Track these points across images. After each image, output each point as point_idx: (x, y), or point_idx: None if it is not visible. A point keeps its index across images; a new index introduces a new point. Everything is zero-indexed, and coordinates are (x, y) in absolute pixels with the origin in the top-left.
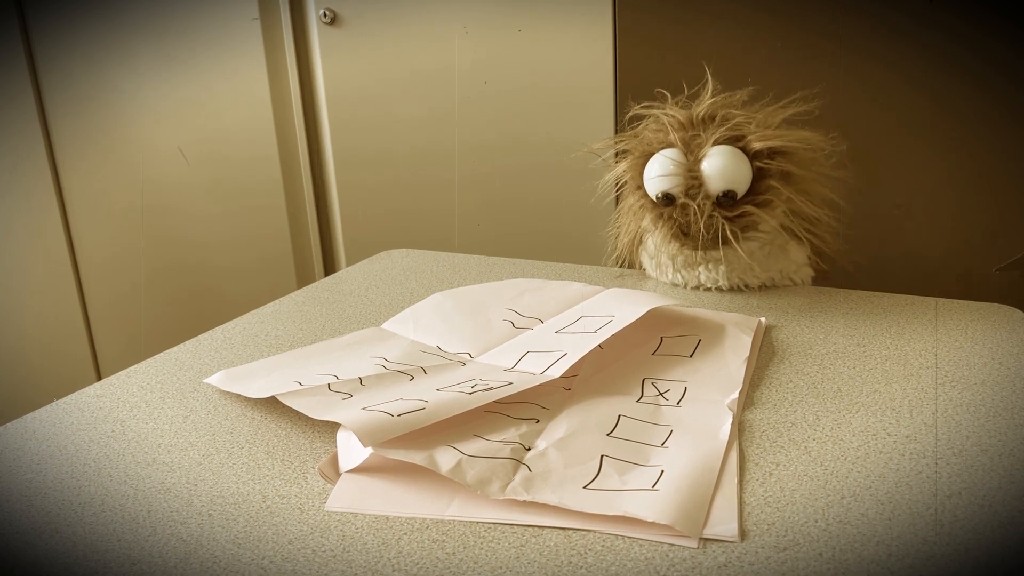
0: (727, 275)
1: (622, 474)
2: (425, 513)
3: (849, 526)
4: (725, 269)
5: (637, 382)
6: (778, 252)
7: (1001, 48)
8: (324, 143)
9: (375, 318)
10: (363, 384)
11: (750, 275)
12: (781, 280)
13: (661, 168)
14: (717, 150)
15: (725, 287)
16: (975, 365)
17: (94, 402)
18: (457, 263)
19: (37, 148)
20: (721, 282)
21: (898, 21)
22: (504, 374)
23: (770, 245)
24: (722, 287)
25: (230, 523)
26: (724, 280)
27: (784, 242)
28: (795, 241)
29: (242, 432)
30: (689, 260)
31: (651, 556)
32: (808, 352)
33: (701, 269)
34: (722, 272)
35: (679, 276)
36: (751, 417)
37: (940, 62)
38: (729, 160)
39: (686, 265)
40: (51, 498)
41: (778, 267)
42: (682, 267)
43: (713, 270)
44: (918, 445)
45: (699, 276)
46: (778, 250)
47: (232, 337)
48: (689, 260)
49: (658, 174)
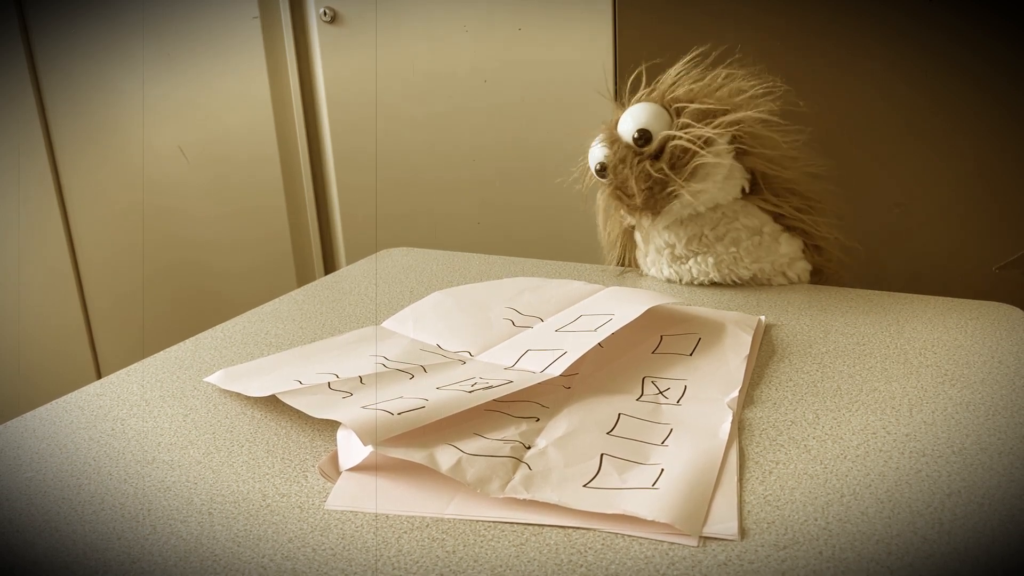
0: (716, 266)
1: (622, 472)
2: (425, 512)
3: (849, 524)
4: (713, 260)
5: (637, 380)
6: (769, 242)
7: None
8: (324, 142)
9: (375, 317)
10: (363, 383)
11: (739, 266)
12: (773, 273)
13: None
14: (627, 110)
15: (716, 279)
16: (975, 364)
17: (94, 401)
18: (457, 262)
19: (37, 148)
20: (712, 274)
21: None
22: (504, 372)
23: (759, 235)
24: (714, 279)
25: (230, 521)
26: (714, 271)
27: (775, 233)
28: (788, 233)
29: (242, 431)
30: (673, 249)
31: (651, 554)
32: (808, 350)
33: (691, 263)
34: (711, 264)
35: (673, 272)
36: (751, 415)
37: (940, 62)
38: (636, 109)
39: (674, 256)
40: (51, 496)
41: (769, 259)
42: (672, 260)
43: (702, 262)
44: (918, 444)
45: (690, 270)
46: (769, 240)
47: (232, 336)
48: (673, 249)
49: (591, 154)
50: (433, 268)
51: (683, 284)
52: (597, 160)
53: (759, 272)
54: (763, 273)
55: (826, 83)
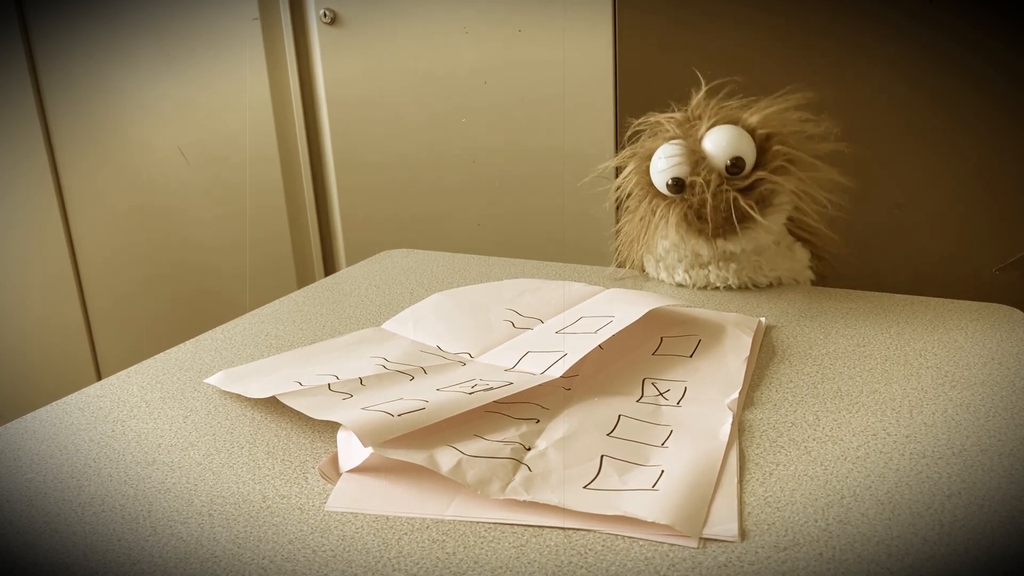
0: (737, 273)
1: (622, 474)
2: (425, 513)
3: (849, 526)
4: (735, 267)
5: (637, 382)
6: (786, 251)
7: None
8: (324, 143)
9: (375, 318)
10: (363, 384)
11: (759, 274)
12: (787, 280)
13: (667, 157)
14: (716, 128)
15: (735, 285)
16: (975, 365)
17: (94, 402)
18: (457, 263)
19: (37, 148)
20: (731, 280)
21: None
22: (504, 374)
23: (778, 245)
24: (732, 285)
25: (230, 523)
26: (734, 278)
27: (790, 243)
28: (800, 243)
29: (242, 432)
30: (699, 258)
31: (651, 556)
32: (808, 352)
33: (711, 268)
34: (732, 270)
35: (687, 276)
36: (751, 417)
37: (940, 62)
38: (730, 132)
39: (697, 263)
40: (51, 498)
41: (786, 266)
42: (691, 266)
43: (724, 268)
44: (918, 445)
45: (708, 275)
46: (785, 250)
47: (232, 337)
48: (699, 258)
49: (665, 164)
50: (433, 269)
51: (694, 288)
52: (673, 175)
53: (775, 280)
54: (778, 280)
55: (826, 83)
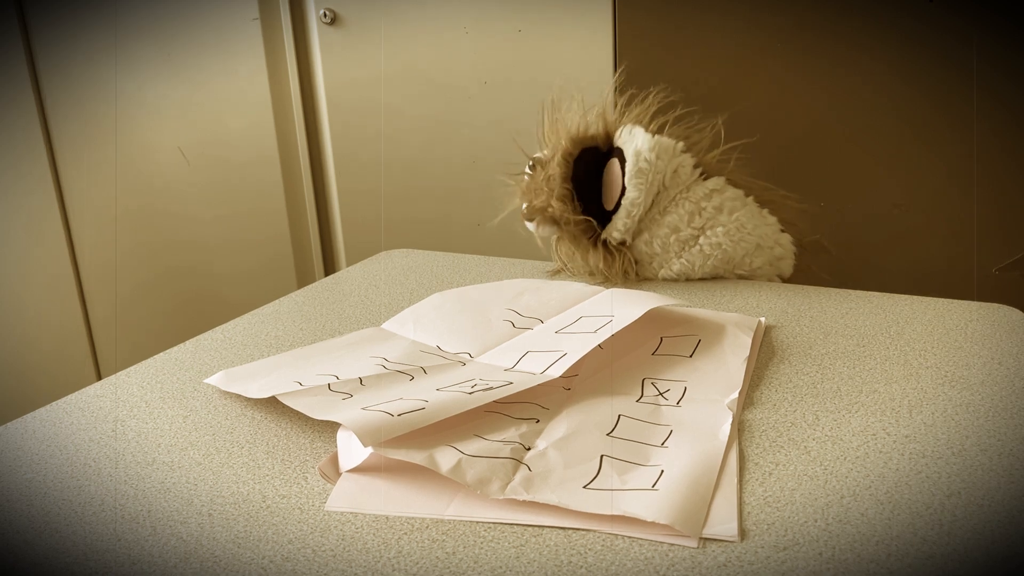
0: (727, 234)
1: (622, 474)
2: (425, 513)
3: (849, 526)
4: (723, 230)
5: (637, 382)
6: (757, 211)
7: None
8: (324, 144)
9: (375, 318)
10: (363, 384)
11: (744, 232)
12: (773, 244)
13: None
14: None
15: (729, 248)
16: (975, 365)
17: (94, 402)
18: (457, 263)
19: (37, 148)
20: (724, 244)
21: (898, 21)
22: (504, 374)
23: (746, 205)
24: (727, 250)
25: (230, 523)
26: (726, 240)
27: (756, 205)
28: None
29: (242, 432)
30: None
31: (651, 556)
32: (808, 352)
33: (702, 240)
34: (720, 233)
35: (684, 262)
36: (751, 417)
37: (940, 62)
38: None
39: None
40: (51, 498)
41: (765, 224)
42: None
43: (712, 235)
44: (918, 445)
45: (702, 248)
46: (756, 209)
47: (232, 337)
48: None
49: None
50: (433, 269)
51: (697, 277)
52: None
53: (761, 240)
54: (765, 241)
55: (826, 83)
